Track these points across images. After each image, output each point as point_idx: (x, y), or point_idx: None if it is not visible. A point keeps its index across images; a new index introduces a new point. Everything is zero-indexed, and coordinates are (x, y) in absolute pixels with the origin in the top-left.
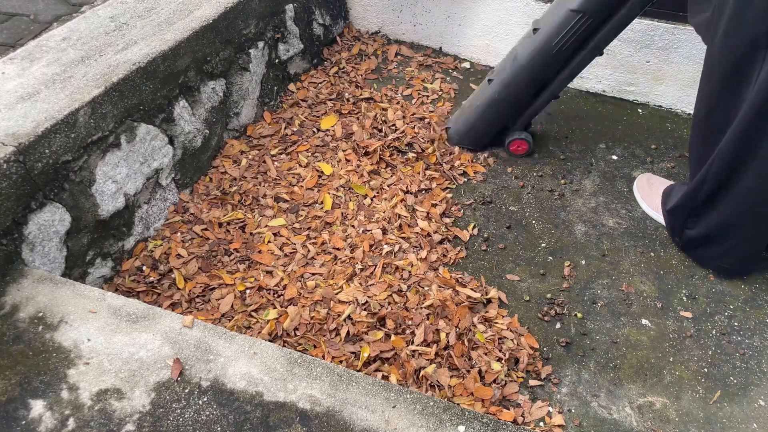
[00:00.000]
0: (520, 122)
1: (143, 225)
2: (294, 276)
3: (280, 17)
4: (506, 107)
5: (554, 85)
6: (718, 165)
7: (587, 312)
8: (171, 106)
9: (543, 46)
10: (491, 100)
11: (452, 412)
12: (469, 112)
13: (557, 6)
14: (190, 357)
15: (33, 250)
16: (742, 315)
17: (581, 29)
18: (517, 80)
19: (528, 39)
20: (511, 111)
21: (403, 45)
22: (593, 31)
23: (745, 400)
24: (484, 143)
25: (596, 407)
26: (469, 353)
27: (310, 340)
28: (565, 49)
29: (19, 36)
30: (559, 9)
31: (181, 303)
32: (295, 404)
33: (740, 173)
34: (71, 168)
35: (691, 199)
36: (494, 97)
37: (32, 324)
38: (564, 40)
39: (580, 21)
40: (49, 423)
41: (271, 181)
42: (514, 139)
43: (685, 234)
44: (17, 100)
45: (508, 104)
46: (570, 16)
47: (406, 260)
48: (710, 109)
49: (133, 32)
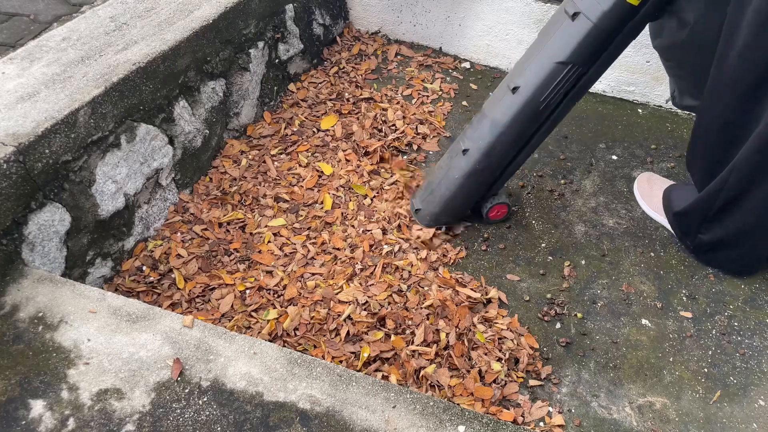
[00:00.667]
0: (497, 185)
1: (143, 225)
2: (294, 276)
3: (280, 17)
4: (488, 175)
5: (536, 139)
6: (737, 176)
7: (587, 312)
8: (171, 106)
9: (528, 104)
10: (471, 172)
11: (452, 412)
12: (443, 189)
13: (540, 61)
14: (190, 357)
15: (33, 250)
16: (742, 315)
17: (571, 79)
18: (500, 144)
19: (506, 99)
20: (493, 178)
21: (403, 45)
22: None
23: (745, 400)
24: (462, 217)
25: (596, 407)
26: (469, 353)
27: (310, 340)
28: (555, 102)
29: (19, 36)
30: (543, 63)
31: (181, 303)
32: (295, 404)
33: (759, 183)
34: (71, 168)
35: (705, 206)
36: (475, 168)
37: (32, 324)
38: (552, 94)
39: (570, 72)
40: (49, 423)
41: (271, 181)
42: (493, 206)
43: (698, 238)
44: (17, 100)
45: (491, 171)
46: (558, 69)
47: (406, 260)
48: (727, 121)
49: (133, 32)
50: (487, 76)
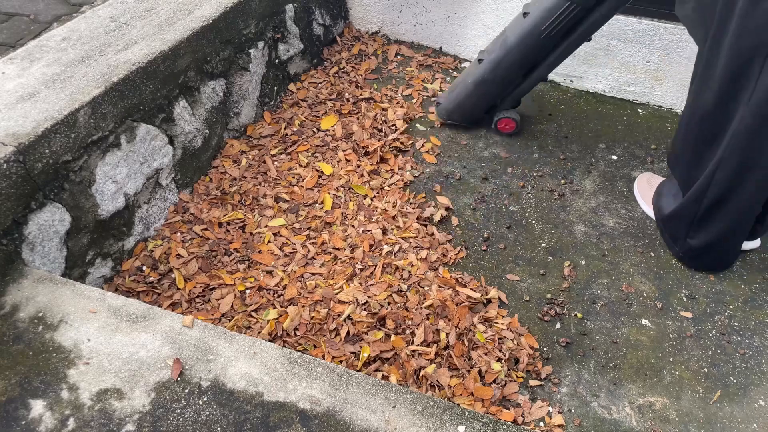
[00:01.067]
0: (508, 101)
1: (143, 225)
2: (294, 276)
3: (280, 17)
4: (495, 87)
5: (542, 67)
6: (722, 174)
7: (587, 312)
8: (171, 106)
9: (532, 30)
10: (481, 80)
11: (452, 412)
12: (459, 90)
13: None
14: (190, 357)
15: (33, 250)
16: (742, 315)
17: (569, 16)
18: (507, 61)
19: (518, 22)
20: (499, 90)
21: (403, 45)
22: (581, 18)
23: (745, 400)
24: (472, 120)
25: (596, 407)
26: (469, 353)
27: (310, 340)
28: (554, 34)
29: (19, 36)
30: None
31: (181, 303)
32: (295, 404)
33: (744, 181)
34: (71, 168)
35: (693, 208)
36: (484, 77)
37: (32, 324)
38: (552, 26)
39: (568, 9)
40: (49, 423)
41: (271, 181)
42: (501, 118)
43: (686, 243)
44: (17, 100)
45: (496, 84)
46: (559, 3)
47: (406, 260)
48: (706, 113)
49: (133, 32)
50: None
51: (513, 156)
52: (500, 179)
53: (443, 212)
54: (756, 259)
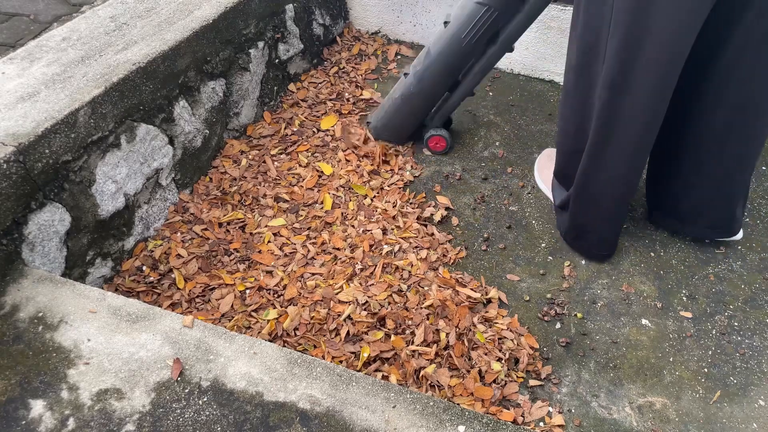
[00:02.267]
0: (437, 118)
1: (143, 225)
2: (294, 276)
3: (280, 17)
4: (421, 102)
5: (468, 80)
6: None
7: (587, 312)
8: (171, 106)
9: (453, 39)
10: (407, 94)
11: (452, 412)
12: (387, 107)
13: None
14: (190, 357)
15: (33, 250)
16: (742, 315)
17: (488, 22)
18: (430, 74)
19: (439, 31)
20: (426, 106)
21: (403, 45)
22: (502, 26)
23: (745, 400)
24: (402, 138)
25: (596, 407)
26: (469, 353)
27: (310, 340)
28: (475, 42)
29: (19, 36)
30: (467, 2)
31: (181, 303)
32: (295, 404)
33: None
34: (71, 168)
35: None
36: (409, 91)
37: (32, 324)
38: (472, 33)
39: (486, 14)
40: (49, 423)
41: (271, 181)
42: (432, 135)
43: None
44: (17, 100)
45: (422, 99)
46: (476, 9)
47: (406, 260)
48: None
49: (133, 32)
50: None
51: (513, 156)
52: (500, 179)
53: (443, 212)
54: (756, 259)
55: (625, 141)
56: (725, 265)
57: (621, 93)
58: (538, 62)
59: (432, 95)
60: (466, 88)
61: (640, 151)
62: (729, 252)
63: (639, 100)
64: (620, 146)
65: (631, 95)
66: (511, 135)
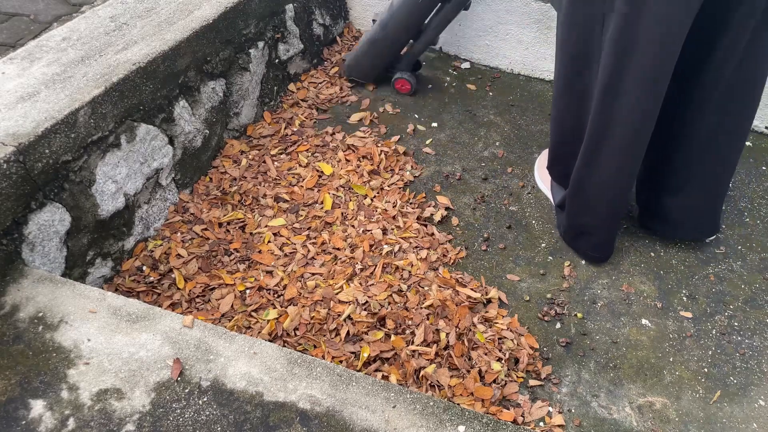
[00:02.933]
0: (404, 63)
1: (143, 225)
2: (294, 276)
3: (280, 17)
4: (385, 47)
5: (428, 32)
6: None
7: (587, 312)
8: (171, 106)
9: None
10: (373, 39)
11: (452, 412)
12: (359, 48)
13: None
14: (190, 357)
15: (33, 250)
16: (742, 315)
17: None
18: (393, 22)
19: None
20: (390, 51)
21: None
22: None
23: (745, 400)
24: (370, 78)
25: (596, 407)
26: (469, 353)
27: (310, 340)
28: None
29: (19, 36)
30: None
31: (181, 303)
32: (295, 404)
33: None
34: (71, 168)
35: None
36: (375, 37)
37: (32, 324)
38: None
39: None
40: (49, 423)
41: (271, 181)
42: (398, 78)
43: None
44: (17, 100)
45: (387, 44)
46: None
47: (406, 260)
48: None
49: (133, 32)
50: (486, 76)
51: (513, 156)
52: (500, 179)
53: (443, 212)
54: (756, 259)
55: (619, 145)
56: (725, 265)
57: (614, 97)
58: (538, 62)
59: (395, 42)
60: (428, 39)
61: (633, 156)
62: (729, 252)
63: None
64: (613, 150)
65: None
66: (511, 135)
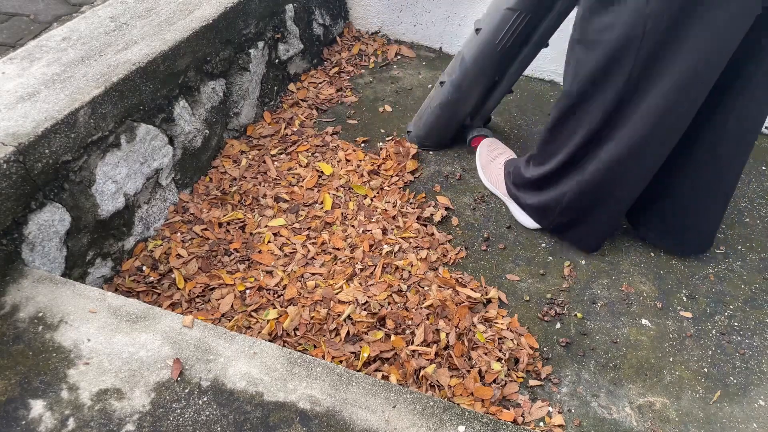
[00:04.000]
0: (478, 119)
1: (143, 225)
2: (294, 276)
3: (280, 17)
4: (460, 107)
5: (505, 81)
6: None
7: (587, 312)
8: (171, 106)
9: (486, 46)
10: (446, 102)
11: (452, 412)
12: (426, 116)
13: (495, 5)
14: (190, 357)
15: (33, 250)
16: (742, 315)
17: (521, 26)
18: (467, 81)
19: (472, 39)
20: (466, 110)
21: (403, 45)
22: (535, 25)
23: (745, 400)
24: (445, 143)
25: (596, 407)
26: (469, 353)
27: (310, 340)
28: (509, 46)
29: (19, 36)
30: (497, 8)
31: (181, 303)
32: (295, 404)
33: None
34: (71, 168)
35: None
36: (448, 99)
37: (32, 324)
38: (506, 39)
39: (518, 19)
40: (49, 423)
41: (271, 181)
42: (475, 136)
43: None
44: (17, 100)
45: (461, 104)
46: (508, 15)
47: (406, 260)
48: None
49: (133, 32)
50: None
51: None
52: None
53: (443, 212)
54: (756, 259)
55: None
56: (725, 265)
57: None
58: (538, 62)
59: (470, 100)
60: (504, 89)
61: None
62: (729, 252)
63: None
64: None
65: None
66: (511, 135)
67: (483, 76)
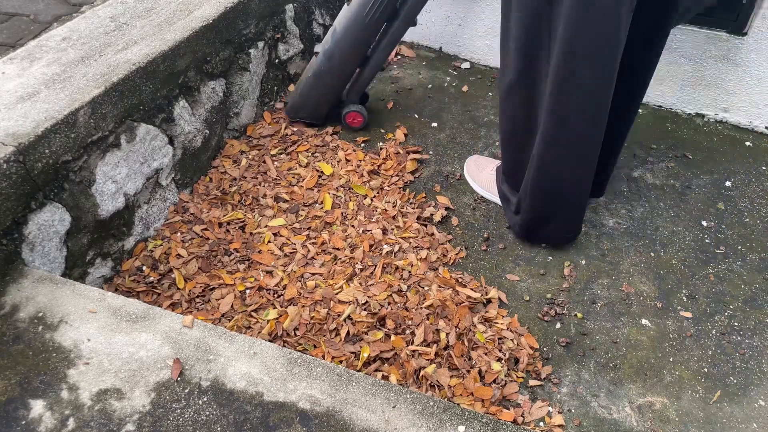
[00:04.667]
0: (353, 94)
1: (143, 225)
2: (294, 276)
3: (280, 17)
4: (333, 78)
5: (376, 55)
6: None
7: (587, 312)
8: (171, 106)
9: (356, 17)
10: (318, 72)
11: (452, 412)
12: (302, 86)
13: None
14: (190, 357)
15: (33, 250)
16: (742, 315)
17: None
18: (339, 51)
19: (343, 11)
20: (338, 82)
21: (403, 45)
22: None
23: (745, 400)
24: (320, 116)
25: (596, 407)
26: (469, 353)
27: (310, 340)
28: (377, 17)
29: (19, 36)
30: None
31: (181, 303)
32: (295, 404)
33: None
34: (71, 168)
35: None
36: (320, 69)
37: (32, 324)
38: (373, 10)
39: None
40: (49, 423)
41: (271, 181)
42: (349, 112)
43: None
44: (17, 100)
45: (334, 75)
46: None
47: (406, 260)
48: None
49: (133, 32)
50: (486, 76)
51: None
52: None
53: (443, 212)
54: (756, 259)
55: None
56: (725, 265)
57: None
58: None
59: (343, 72)
60: (376, 63)
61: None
62: (729, 252)
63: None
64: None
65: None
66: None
67: (353, 48)
